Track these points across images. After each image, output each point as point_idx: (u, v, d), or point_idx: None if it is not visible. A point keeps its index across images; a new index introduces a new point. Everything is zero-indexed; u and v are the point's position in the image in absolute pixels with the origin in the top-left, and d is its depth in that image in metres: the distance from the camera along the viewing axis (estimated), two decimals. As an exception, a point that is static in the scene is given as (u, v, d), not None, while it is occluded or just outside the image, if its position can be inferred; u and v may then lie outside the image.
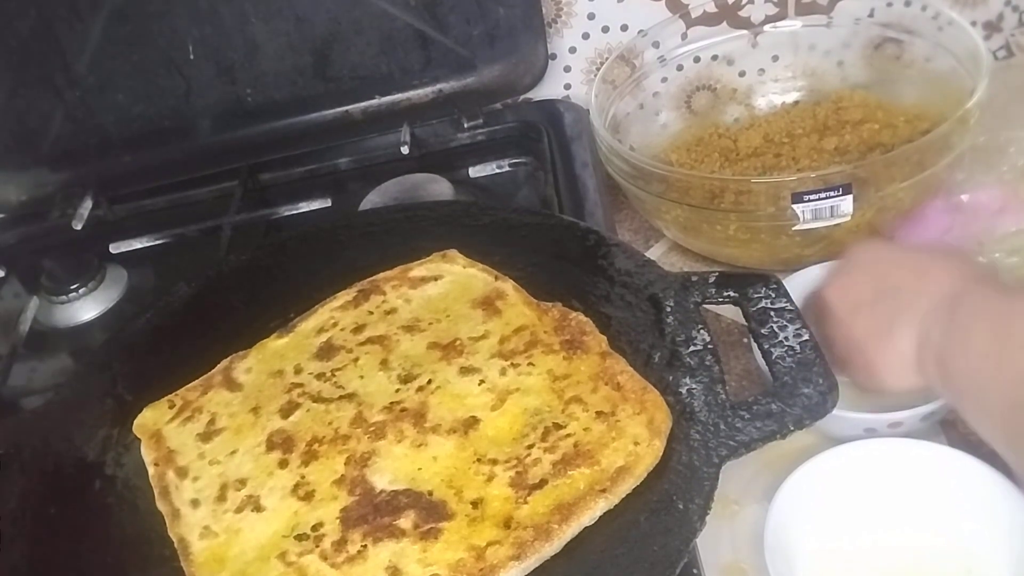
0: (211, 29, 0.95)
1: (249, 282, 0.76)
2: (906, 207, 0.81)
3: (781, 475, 0.64)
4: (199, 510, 0.57)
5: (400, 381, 0.62)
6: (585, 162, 0.91)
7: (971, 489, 0.61)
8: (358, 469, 0.56)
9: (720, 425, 0.54)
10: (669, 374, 0.58)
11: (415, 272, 0.71)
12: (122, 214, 1.01)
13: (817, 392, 0.54)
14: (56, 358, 0.88)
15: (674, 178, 0.81)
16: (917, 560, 0.62)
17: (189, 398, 0.65)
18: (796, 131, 0.92)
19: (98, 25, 0.94)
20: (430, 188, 0.90)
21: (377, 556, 0.51)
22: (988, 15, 1.03)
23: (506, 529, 0.51)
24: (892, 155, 0.77)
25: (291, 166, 1.00)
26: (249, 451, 0.60)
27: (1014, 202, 0.83)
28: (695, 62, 1.00)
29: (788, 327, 0.59)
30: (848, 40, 0.97)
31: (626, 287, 0.65)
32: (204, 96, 0.98)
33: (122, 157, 1.00)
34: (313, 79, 0.99)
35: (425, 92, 1.00)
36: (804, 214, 0.75)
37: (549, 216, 0.79)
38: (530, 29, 0.96)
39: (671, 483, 0.52)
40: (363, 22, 0.96)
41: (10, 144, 0.99)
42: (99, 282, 0.91)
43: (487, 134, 0.99)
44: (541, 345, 0.61)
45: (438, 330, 0.65)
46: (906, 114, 0.88)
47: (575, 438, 0.55)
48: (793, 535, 0.62)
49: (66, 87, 0.96)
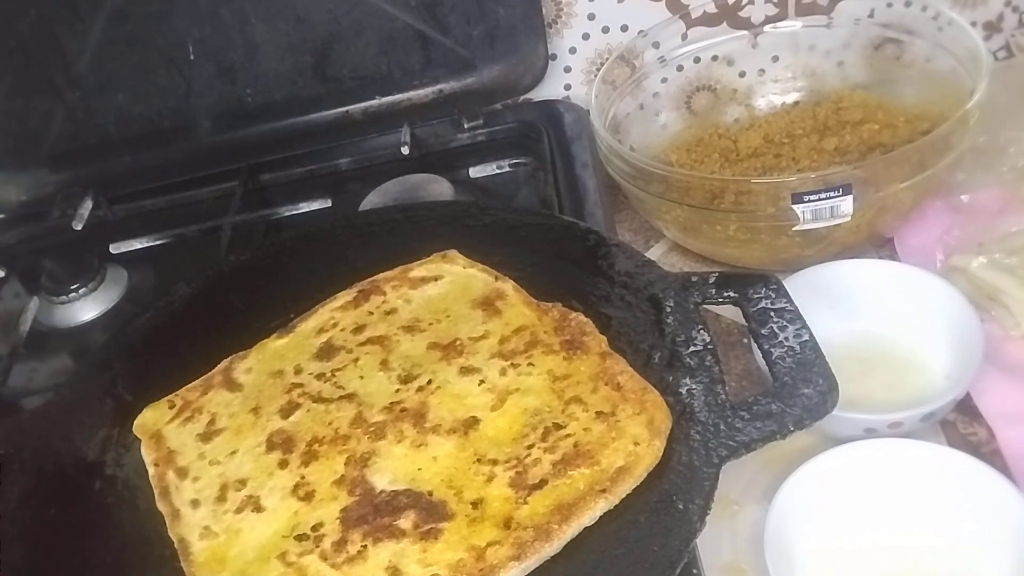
0: (211, 29, 0.95)
1: (249, 282, 0.76)
2: (906, 207, 0.81)
3: (781, 475, 0.64)
4: (199, 510, 0.57)
5: (400, 381, 0.62)
6: (585, 162, 0.91)
7: (971, 489, 0.61)
8: (358, 469, 0.56)
9: (720, 425, 0.54)
10: (669, 374, 0.58)
11: (415, 272, 0.71)
12: (122, 214, 1.01)
13: (817, 392, 0.54)
14: (56, 358, 0.88)
15: (674, 178, 0.81)
16: (917, 560, 0.62)
17: (189, 398, 0.65)
18: (796, 131, 0.92)
19: (98, 25, 0.94)
20: (430, 188, 0.90)
21: (377, 556, 0.51)
22: (988, 15, 1.03)
23: (506, 529, 0.51)
24: (892, 155, 0.77)
25: (291, 166, 1.00)
26: (249, 451, 0.60)
27: (1014, 202, 0.83)
28: (695, 62, 1.00)
29: (788, 327, 0.58)
30: (848, 40, 0.97)
31: (626, 287, 0.65)
32: (204, 96, 0.98)
33: (122, 157, 1.00)
34: (313, 79, 0.99)
35: (425, 92, 1.00)
36: (804, 214, 0.75)
37: (549, 216, 0.79)
38: (530, 29, 0.96)
39: (671, 483, 0.52)
40: (363, 22, 0.96)
41: (10, 144, 0.99)
42: (99, 282, 0.91)
43: (487, 134, 0.99)
44: (541, 345, 0.61)
45: (438, 330, 0.65)
46: (906, 114, 0.88)
47: (575, 438, 0.55)
48: (793, 535, 0.62)
49: (66, 87, 0.96)
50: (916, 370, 0.74)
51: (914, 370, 0.74)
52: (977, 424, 0.71)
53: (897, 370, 0.75)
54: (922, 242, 0.84)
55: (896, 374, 0.74)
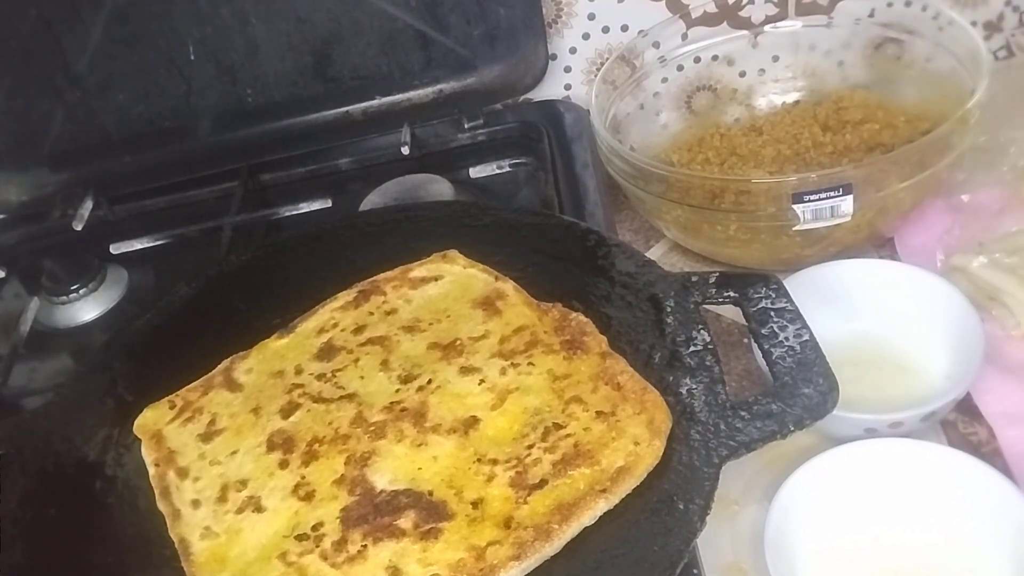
0: (211, 30, 0.95)
1: (250, 282, 0.76)
2: (906, 207, 0.81)
3: (781, 475, 0.64)
4: (200, 510, 0.57)
5: (400, 381, 0.62)
6: (585, 162, 0.91)
7: (971, 489, 0.61)
8: (358, 469, 0.56)
9: (720, 425, 0.54)
10: (669, 374, 0.58)
11: (415, 272, 0.71)
12: (122, 214, 1.01)
13: (817, 392, 0.54)
14: (57, 358, 0.88)
15: (674, 178, 0.81)
16: (917, 560, 0.62)
17: (190, 398, 0.65)
18: (796, 131, 0.92)
19: (98, 25, 0.94)
20: (430, 188, 0.90)
21: (377, 556, 0.51)
22: (988, 15, 1.03)
23: (506, 529, 0.51)
24: (892, 155, 0.77)
25: (291, 166, 1.00)
26: (250, 451, 0.60)
27: (1014, 202, 0.83)
28: (695, 62, 1.00)
29: (788, 327, 0.59)
30: (848, 40, 0.96)
31: (626, 287, 0.65)
32: (204, 96, 0.99)
33: (122, 157, 1.00)
34: (313, 79, 0.99)
35: (425, 92, 1.00)
36: (804, 214, 0.75)
37: (549, 216, 0.79)
38: (530, 29, 0.96)
39: (671, 483, 0.52)
40: (363, 22, 0.96)
41: (10, 144, 0.99)
42: (99, 282, 0.91)
43: (487, 134, 0.99)
44: (541, 345, 0.61)
45: (438, 330, 0.65)
46: (906, 114, 0.88)
47: (575, 438, 0.55)
48: (793, 535, 0.62)
49: (66, 87, 0.96)
50: (916, 370, 0.74)
51: (914, 370, 0.74)
52: (977, 424, 0.71)
53: (897, 370, 0.74)
54: (922, 242, 0.84)
55: (896, 374, 0.74)
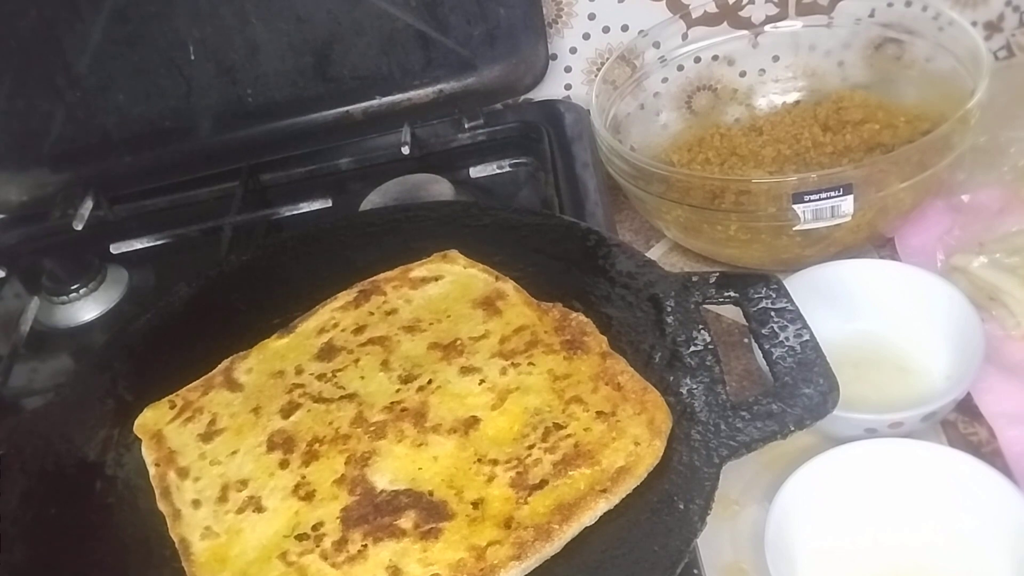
0: (211, 29, 0.95)
1: (250, 282, 0.76)
2: (906, 207, 0.81)
3: (781, 475, 0.64)
4: (200, 510, 0.57)
5: (401, 381, 0.62)
6: (586, 162, 0.91)
7: (971, 489, 0.61)
8: (358, 469, 0.56)
9: (721, 425, 0.54)
10: (670, 374, 0.58)
11: (416, 272, 0.71)
12: (123, 214, 1.01)
13: (818, 392, 0.54)
14: (57, 358, 0.88)
15: (675, 178, 0.81)
16: (918, 560, 0.62)
17: (190, 398, 0.65)
18: (796, 131, 0.92)
19: (99, 25, 0.94)
20: (431, 188, 0.90)
21: (377, 556, 0.51)
22: (988, 15, 1.03)
23: (506, 529, 0.51)
24: (893, 155, 0.77)
25: (292, 166, 1.00)
26: (250, 451, 0.60)
27: (1014, 202, 0.83)
28: (696, 62, 1.00)
29: (789, 327, 0.59)
30: (848, 40, 0.97)
31: (627, 287, 0.65)
32: (205, 96, 0.99)
33: (123, 157, 1.00)
34: (314, 79, 0.99)
35: (426, 92, 1.00)
36: (805, 214, 0.75)
37: (549, 216, 0.79)
38: (531, 29, 0.96)
39: (672, 483, 0.52)
40: (363, 22, 0.96)
41: (10, 144, 0.99)
42: (100, 282, 0.91)
43: (488, 134, 0.99)
44: (541, 345, 0.61)
45: (439, 330, 0.65)
46: (907, 114, 0.88)
47: (575, 438, 0.55)
48: (794, 535, 0.62)
49: (67, 87, 0.96)
50: (917, 370, 0.74)
51: (915, 370, 0.74)
52: (978, 424, 0.71)
53: (897, 370, 0.75)
54: (923, 242, 0.84)
55: (897, 374, 0.74)
